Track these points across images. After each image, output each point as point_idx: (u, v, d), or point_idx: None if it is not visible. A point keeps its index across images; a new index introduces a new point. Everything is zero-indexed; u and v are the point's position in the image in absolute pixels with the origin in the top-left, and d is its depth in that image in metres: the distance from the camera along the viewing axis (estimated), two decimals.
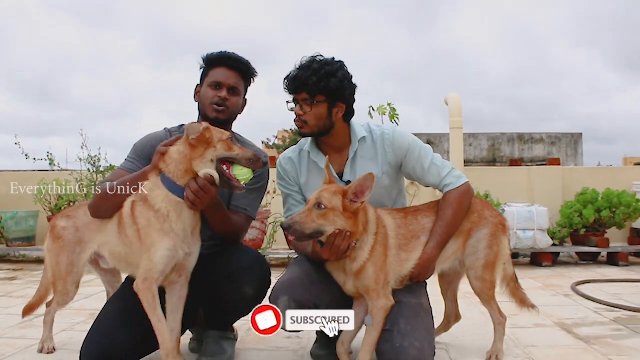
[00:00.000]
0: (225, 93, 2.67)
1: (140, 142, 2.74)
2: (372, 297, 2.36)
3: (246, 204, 2.72)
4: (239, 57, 2.74)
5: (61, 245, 2.67)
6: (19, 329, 3.43)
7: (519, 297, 2.80)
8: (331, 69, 2.53)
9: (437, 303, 2.81)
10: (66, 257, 2.64)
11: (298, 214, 2.26)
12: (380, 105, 6.03)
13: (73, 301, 2.79)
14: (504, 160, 22.45)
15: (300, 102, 2.56)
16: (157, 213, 2.31)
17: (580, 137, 23.74)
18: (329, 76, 2.51)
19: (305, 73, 2.50)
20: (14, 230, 6.84)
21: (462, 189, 2.59)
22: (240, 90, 2.75)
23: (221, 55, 2.73)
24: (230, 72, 2.71)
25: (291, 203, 2.75)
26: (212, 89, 2.68)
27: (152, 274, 2.29)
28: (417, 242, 2.51)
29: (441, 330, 2.99)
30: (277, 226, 6.36)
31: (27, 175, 7.79)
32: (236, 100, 2.73)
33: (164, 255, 2.29)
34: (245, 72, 2.76)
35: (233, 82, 2.70)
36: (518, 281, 2.83)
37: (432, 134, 22.52)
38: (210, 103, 2.66)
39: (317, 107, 2.54)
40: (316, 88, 2.50)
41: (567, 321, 3.59)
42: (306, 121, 2.56)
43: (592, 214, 6.40)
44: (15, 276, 5.88)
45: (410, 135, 2.68)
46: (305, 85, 2.50)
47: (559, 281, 5.26)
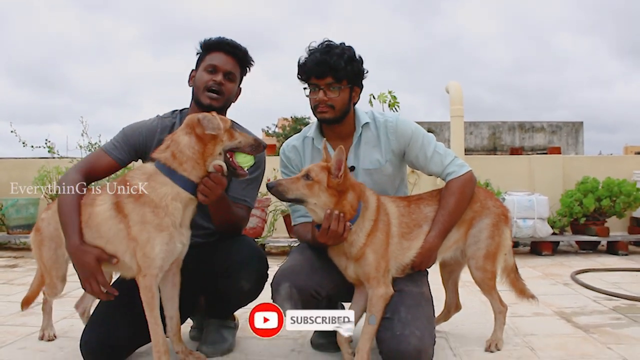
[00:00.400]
0: (221, 77, 2.62)
1: (130, 127, 2.67)
2: (372, 285, 2.36)
3: (244, 195, 2.70)
4: (237, 43, 2.70)
5: (40, 238, 2.62)
6: (19, 316, 3.44)
7: (518, 287, 2.81)
8: (350, 53, 2.53)
9: (437, 292, 2.82)
10: (46, 251, 2.59)
11: (285, 179, 2.31)
12: (380, 93, 5.99)
13: (73, 290, 2.79)
14: (505, 149, 22.42)
15: (323, 87, 2.52)
16: (155, 209, 2.21)
17: (581, 126, 23.70)
18: (351, 60, 2.51)
19: (332, 57, 2.47)
20: (15, 217, 6.87)
21: (465, 178, 2.58)
22: (236, 77, 2.71)
23: (219, 40, 2.68)
24: (227, 57, 2.66)
25: None
26: (208, 73, 2.63)
27: (150, 270, 2.23)
28: (419, 231, 2.50)
29: (441, 320, 3.00)
30: (277, 214, 6.37)
31: (27, 163, 7.78)
32: (232, 86, 2.68)
33: (163, 249, 2.23)
34: (242, 58, 2.72)
35: (230, 67, 2.66)
36: (518, 272, 2.83)
37: (433, 122, 22.47)
38: (204, 87, 2.61)
39: (343, 92, 2.53)
40: (344, 72, 2.48)
41: (567, 310, 3.61)
42: (333, 106, 2.53)
43: (592, 202, 6.41)
44: (16, 264, 5.90)
45: (413, 124, 2.66)
46: (334, 69, 2.47)
47: (559, 270, 5.28)
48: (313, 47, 2.56)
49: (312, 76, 2.53)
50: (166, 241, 2.23)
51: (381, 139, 2.64)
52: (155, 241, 2.21)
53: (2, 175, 7.70)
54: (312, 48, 2.56)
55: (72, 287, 3.84)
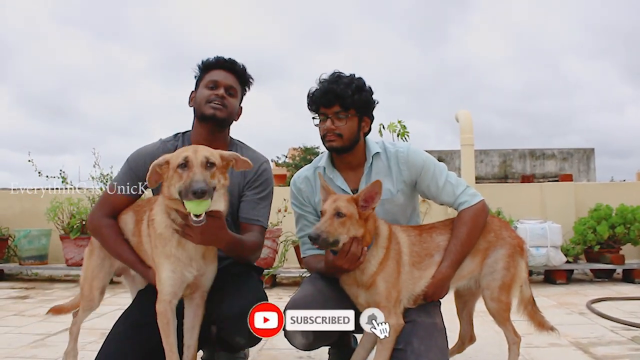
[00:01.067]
0: (223, 91, 2.61)
1: (133, 157, 2.67)
2: (382, 315, 2.33)
3: (257, 215, 2.64)
4: (235, 60, 2.70)
5: (92, 248, 2.70)
6: (30, 348, 3.43)
7: (537, 320, 2.75)
8: (359, 83, 2.57)
9: (451, 323, 2.78)
10: (94, 259, 2.66)
11: (322, 224, 2.24)
12: (390, 123, 6.04)
13: (85, 319, 2.78)
14: (516, 177, 22.32)
15: (331, 116, 2.55)
16: (160, 236, 2.27)
17: (593, 153, 23.61)
18: (360, 90, 2.55)
19: (339, 86, 2.52)
20: (27, 248, 6.90)
21: (477, 207, 2.57)
22: (237, 92, 2.69)
23: (217, 58, 2.69)
24: (227, 73, 2.66)
25: (304, 224, 2.73)
26: (209, 89, 2.62)
27: (162, 295, 2.27)
28: (430, 260, 2.48)
29: (455, 351, 2.94)
30: (289, 245, 6.35)
31: (39, 194, 7.84)
32: (233, 101, 2.66)
33: (169, 277, 2.25)
34: (242, 75, 2.71)
35: (230, 82, 2.65)
36: (535, 304, 2.78)
37: (443, 151, 22.50)
38: (206, 101, 2.59)
39: (351, 121, 2.55)
40: (351, 101, 2.52)
41: (583, 340, 3.54)
42: (341, 134, 2.55)
43: (606, 230, 6.33)
44: (27, 294, 5.90)
45: (424, 153, 2.67)
46: (340, 98, 2.51)
47: (574, 299, 5.19)
48: (323, 78, 2.60)
49: (320, 105, 2.57)
50: (172, 268, 2.25)
51: (392, 169, 2.65)
52: (163, 267, 2.25)
53: (15, 205, 7.79)
54: (322, 79, 2.60)
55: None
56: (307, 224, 2.71)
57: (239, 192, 2.64)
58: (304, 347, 2.38)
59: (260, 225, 2.65)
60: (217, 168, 2.14)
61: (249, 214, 2.63)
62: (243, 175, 2.64)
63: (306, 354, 3.10)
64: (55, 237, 6.99)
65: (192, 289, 2.38)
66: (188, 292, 2.39)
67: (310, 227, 2.67)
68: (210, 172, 2.10)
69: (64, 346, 2.96)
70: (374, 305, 2.34)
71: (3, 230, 7.24)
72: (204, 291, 2.40)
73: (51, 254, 7.17)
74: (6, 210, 7.72)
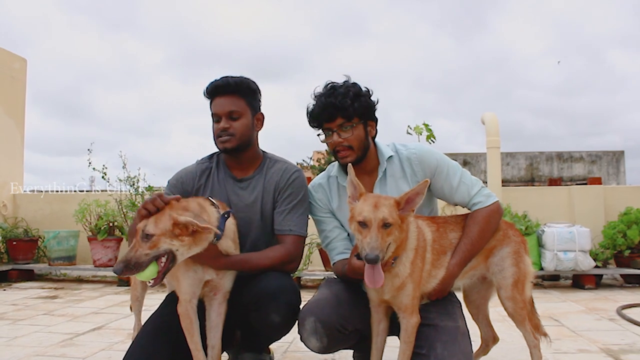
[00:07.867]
0: (224, 123, 2.64)
1: (173, 178, 2.78)
2: (406, 315, 2.30)
3: (289, 225, 2.66)
4: (227, 80, 2.68)
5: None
6: (59, 347, 3.49)
7: (533, 322, 2.70)
8: (355, 89, 2.53)
9: (473, 326, 2.74)
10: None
11: (373, 239, 2.10)
12: (416, 125, 5.99)
13: (112, 321, 2.82)
14: (543, 180, 22.00)
15: (336, 130, 2.53)
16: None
17: (622, 155, 23.11)
18: (358, 96, 2.51)
19: (336, 98, 2.49)
20: (56, 249, 7.04)
21: (491, 208, 2.53)
22: (241, 112, 2.67)
23: (211, 86, 2.69)
24: (223, 99, 2.67)
25: (326, 229, 2.70)
26: (215, 122, 2.69)
27: (182, 295, 2.35)
28: (444, 259, 2.46)
29: (480, 354, 2.91)
30: (313, 247, 6.35)
31: (67, 197, 8.03)
32: (239, 124, 2.66)
33: (187, 275, 2.35)
34: (238, 90, 2.68)
35: (228, 109, 2.65)
36: (534, 306, 2.74)
37: (469, 154, 22.29)
38: (216, 136, 2.68)
39: (357, 130, 2.53)
40: (352, 110, 2.48)
41: (614, 347, 3.46)
42: (351, 146, 2.52)
43: (636, 234, 6.20)
44: (56, 294, 6.02)
45: (437, 153, 2.64)
46: (341, 109, 2.48)
47: (603, 304, 5.08)
48: (318, 92, 2.58)
49: (322, 121, 2.55)
50: (187, 268, 2.34)
51: (406, 171, 2.62)
52: (180, 269, 2.34)
53: (44, 208, 7.98)
54: (317, 93, 2.58)
55: (110, 319, 3.90)
56: (330, 229, 2.68)
57: (272, 204, 2.70)
58: (319, 350, 2.39)
59: (293, 234, 2.65)
60: (161, 235, 2.13)
61: (280, 225, 2.66)
62: (275, 188, 2.69)
63: (330, 357, 3.10)
64: (83, 239, 7.14)
65: (213, 290, 2.44)
66: (210, 293, 2.44)
67: (333, 231, 2.65)
68: (149, 243, 2.12)
69: (92, 345, 3.03)
70: (399, 306, 2.32)
71: (33, 232, 7.43)
72: (225, 292, 2.47)
73: (79, 255, 7.32)
74: (36, 212, 7.94)
